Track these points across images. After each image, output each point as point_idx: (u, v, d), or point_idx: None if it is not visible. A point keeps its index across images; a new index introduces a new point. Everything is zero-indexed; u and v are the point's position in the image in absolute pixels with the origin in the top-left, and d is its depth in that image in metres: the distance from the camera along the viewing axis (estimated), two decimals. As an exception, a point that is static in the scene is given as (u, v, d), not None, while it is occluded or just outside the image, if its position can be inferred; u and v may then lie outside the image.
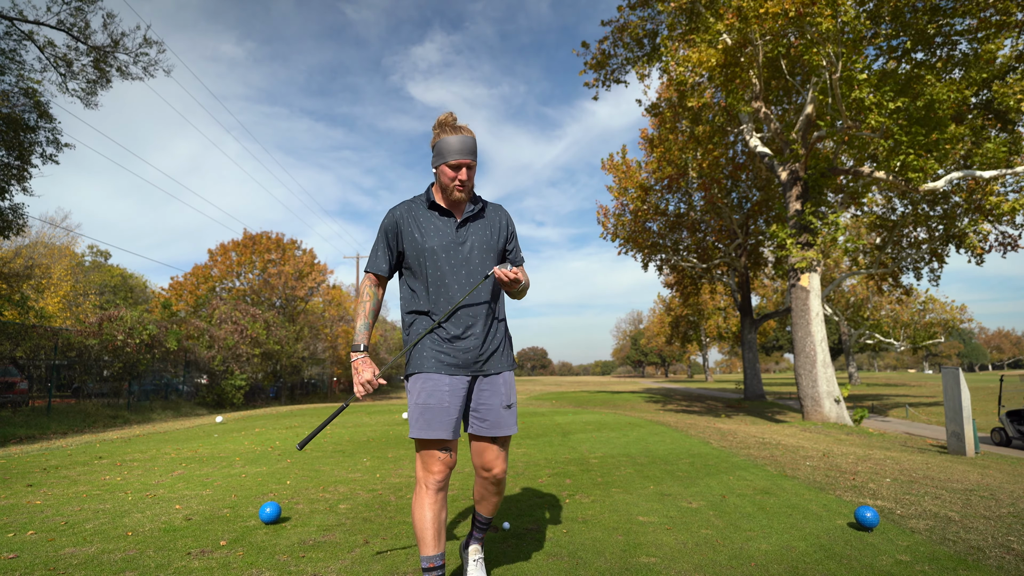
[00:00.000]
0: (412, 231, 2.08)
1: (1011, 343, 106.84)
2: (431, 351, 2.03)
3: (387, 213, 2.14)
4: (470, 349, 2.05)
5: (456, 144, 2.00)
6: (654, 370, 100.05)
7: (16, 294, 14.22)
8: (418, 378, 2.01)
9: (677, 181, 21.20)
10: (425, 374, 2.01)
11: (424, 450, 2.00)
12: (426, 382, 2.00)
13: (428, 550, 1.95)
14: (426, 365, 2.02)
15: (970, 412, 8.45)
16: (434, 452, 1.99)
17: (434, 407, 1.97)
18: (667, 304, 44.59)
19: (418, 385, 2.00)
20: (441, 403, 1.98)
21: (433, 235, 2.07)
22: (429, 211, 2.11)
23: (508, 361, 2.16)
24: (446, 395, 1.99)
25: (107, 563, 2.51)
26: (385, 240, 2.12)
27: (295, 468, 5.09)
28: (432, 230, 2.08)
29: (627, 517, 3.24)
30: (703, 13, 12.83)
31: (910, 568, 2.44)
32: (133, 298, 35.38)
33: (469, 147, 2.02)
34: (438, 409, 1.97)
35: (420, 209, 2.12)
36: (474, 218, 2.14)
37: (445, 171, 2.03)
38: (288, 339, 22.86)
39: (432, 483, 1.98)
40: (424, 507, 1.97)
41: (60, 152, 12.55)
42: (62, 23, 12.29)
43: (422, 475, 2.00)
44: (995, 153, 11.60)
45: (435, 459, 1.99)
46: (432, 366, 2.01)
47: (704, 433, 7.75)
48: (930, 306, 40.90)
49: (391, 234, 2.11)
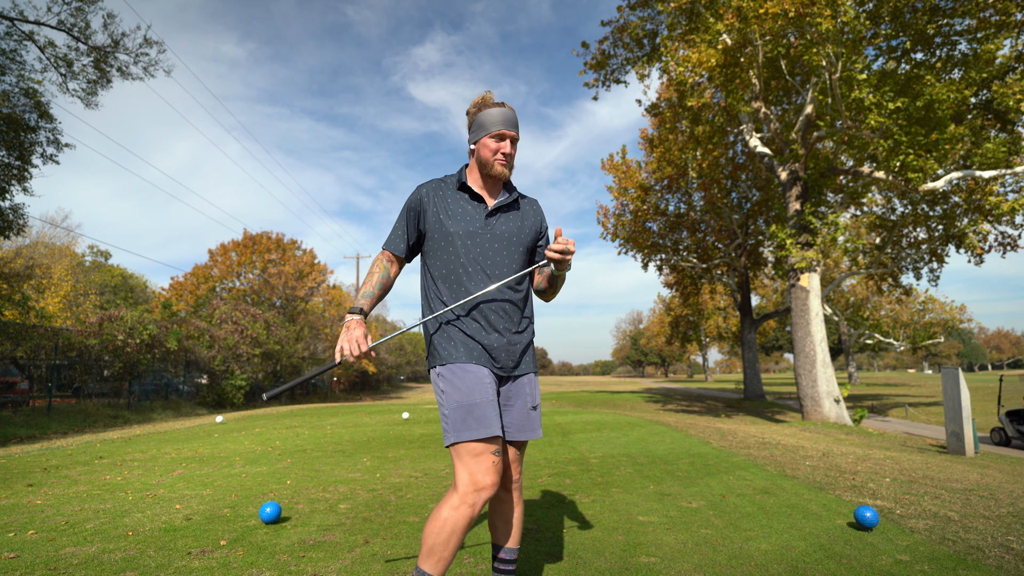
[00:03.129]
0: (437, 211, 1.89)
1: (1011, 343, 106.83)
2: (461, 341, 1.80)
3: (414, 190, 1.96)
4: (500, 347, 1.82)
5: (498, 115, 1.85)
6: (654, 370, 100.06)
7: (16, 294, 14.21)
8: (453, 369, 1.75)
9: (677, 181, 21.20)
10: (460, 364, 1.75)
11: (474, 455, 1.66)
12: (465, 374, 1.73)
13: (441, 569, 1.64)
14: (457, 355, 1.77)
15: (970, 412, 8.46)
16: (488, 455, 1.67)
17: (481, 403, 1.70)
18: (667, 304, 44.61)
19: (456, 378, 1.73)
20: (487, 397, 1.71)
21: (460, 219, 1.87)
22: (458, 192, 1.92)
23: (534, 363, 1.96)
24: (488, 388, 1.74)
25: (107, 563, 2.51)
26: (406, 218, 1.93)
27: (295, 468, 5.10)
28: (460, 214, 1.88)
29: (627, 517, 3.24)
30: (703, 13, 12.83)
31: (910, 568, 2.44)
32: (133, 298, 35.39)
33: (512, 120, 1.87)
34: (486, 404, 1.70)
35: (449, 189, 1.93)
36: (507, 208, 1.94)
37: (487, 143, 1.86)
38: (288, 339, 22.86)
39: (481, 499, 1.64)
40: (461, 527, 1.63)
41: (60, 152, 12.56)
42: (62, 23, 12.29)
43: (471, 490, 1.64)
44: (995, 153, 11.61)
45: (491, 464, 1.67)
46: (464, 355, 1.77)
47: (704, 433, 7.76)
48: (930, 306, 40.90)
49: (414, 212, 1.92)
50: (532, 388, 1.90)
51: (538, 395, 1.94)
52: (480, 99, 1.91)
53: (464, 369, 1.75)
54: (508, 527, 1.90)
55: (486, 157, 1.87)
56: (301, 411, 15.20)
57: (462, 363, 1.76)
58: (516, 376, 1.88)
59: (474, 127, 1.90)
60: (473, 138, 1.91)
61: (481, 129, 1.87)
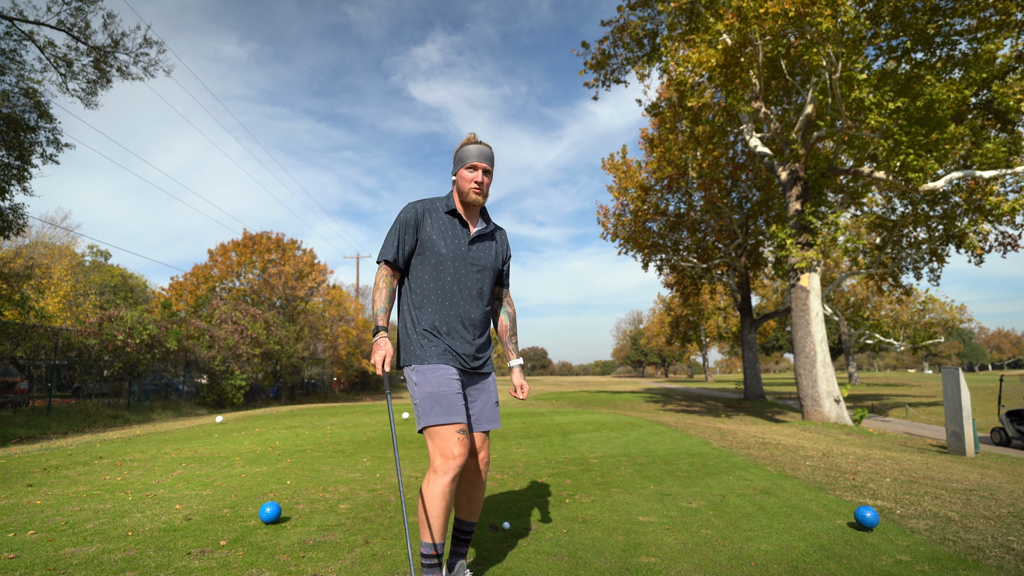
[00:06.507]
0: (431, 231, 2.17)
1: (1011, 343, 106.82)
2: (435, 345, 2.10)
3: (408, 206, 2.21)
4: (467, 354, 2.16)
5: (474, 151, 2.18)
6: (654, 370, 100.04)
7: (16, 294, 14.21)
8: (424, 367, 2.06)
9: (677, 181, 21.20)
10: (432, 364, 2.06)
11: (443, 435, 1.98)
12: (435, 371, 2.05)
13: (439, 536, 1.97)
14: (430, 356, 2.07)
15: (970, 412, 8.45)
16: (455, 435, 1.98)
17: (448, 394, 2.01)
18: (667, 304, 44.60)
19: (427, 374, 2.04)
20: (453, 389, 2.04)
21: (450, 241, 2.17)
22: (447, 215, 2.22)
23: (491, 363, 2.32)
24: (455, 383, 2.06)
25: (107, 563, 2.51)
26: (404, 231, 2.18)
27: (295, 468, 5.09)
28: (451, 237, 2.18)
29: (627, 517, 3.24)
30: (703, 13, 12.83)
31: (910, 568, 2.44)
32: (133, 298, 35.39)
33: (486, 154, 2.19)
34: (452, 396, 2.02)
35: (440, 212, 2.22)
36: (485, 237, 2.27)
37: (464, 175, 2.17)
38: (288, 339, 22.85)
39: (453, 467, 1.95)
40: (440, 495, 1.95)
41: (60, 152, 12.55)
42: (62, 23, 12.29)
43: (441, 462, 1.96)
44: (995, 153, 11.60)
45: (457, 440, 1.97)
46: (436, 357, 2.07)
47: (704, 433, 7.76)
48: (930, 306, 40.88)
49: (411, 227, 2.18)
50: (494, 386, 2.28)
51: (497, 392, 2.30)
52: (465, 139, 2.23)
53: (435, 368, 2.06)
54: (472, 504, 2.24)
55: (463, 187, 2.18)
56: (301, 411, 15.19)
57: (433, 363, 2.06)
58: (481, 375, 2.23)
59: (456, 161, 2.21)
60: (454, 170, 2.22)
61: (460, 162, 2.19)
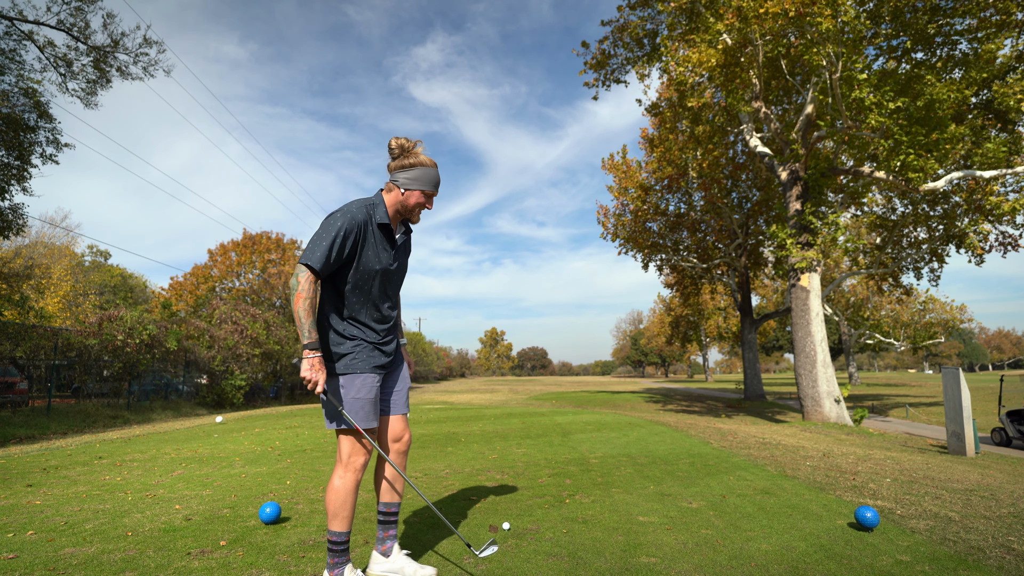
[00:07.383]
0: (366, 247, 2.22)
1: (1011, 343, 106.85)
2: (366, 357, 2.27)
3: (349, 216, 2.14)
4: (391, 353, 2.38)
5: (435, 177, 2.29)
6: (654, 370, 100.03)
7: (16, 294, 14.22)
8: (356, 377, 2.24)
9: (677, 181, 21.21)
10: (363, 374, 2.25)
11: (361, 438, 2.23)
12: (366, 381, 2.25)
13: (348, 525, 2.21)
14: (360, 367, 2.25)
15: (970, 412, 8.45)
16: (363, 439, 2.24)
17: (372, 400, 2.26)
18: (667, 304, 44.64)
19: (357, 383, 2.23)
20: (374, 396, 2.28)
21: (384, 256, 2.27)
22: (379, 230, 2.26)
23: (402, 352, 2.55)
24: (376, 390, 2.29)
25: (107, 563, 2.51)
26: (340, 240, 2.12)
27: (295, 468, 5.09)
28: (383, 252, 2.27)
29: (627, 517, 3.24)
30: (703, 13, 12.83)
31: (910, 568, 2.44)
32: (133, 298, 35.39)
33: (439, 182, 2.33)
34: (374, 403, 2.27)
35: (373, 225, 2.24)
36: (404, 244, 2.41)
37: (418, 198, 2.26)
38: (288, 339, 22.84)
39: (362, 464, 2.25)
40: (352, 489, 2.21)
41: (60, 152, 12.56)
42: (62, 23, 12.29)
43: (356, 460, 2.23)
44: (995, 153, 11.60)
45: (366, 443, 2.25)
46: (366, 367, 2.26)
47: (704, 433, 7.75)
48: (930, 306, 40.88)
49: (350, 239, 2.15)
50: (407, 372, 2.51)
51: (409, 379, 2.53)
52: (412, 145, 2.27)
53: (367, 378, 2.25)
54: (397, 483, 2.41)
55: (412, 207, 2.28)
56: (301, 411, 15.19)
57: (366, 373, 2.25)
58: (396, 365, 2.45)
59: (414, 175, 2.25)
60: (409, 184, 2.25)
61: (419, 182, 2.25)
